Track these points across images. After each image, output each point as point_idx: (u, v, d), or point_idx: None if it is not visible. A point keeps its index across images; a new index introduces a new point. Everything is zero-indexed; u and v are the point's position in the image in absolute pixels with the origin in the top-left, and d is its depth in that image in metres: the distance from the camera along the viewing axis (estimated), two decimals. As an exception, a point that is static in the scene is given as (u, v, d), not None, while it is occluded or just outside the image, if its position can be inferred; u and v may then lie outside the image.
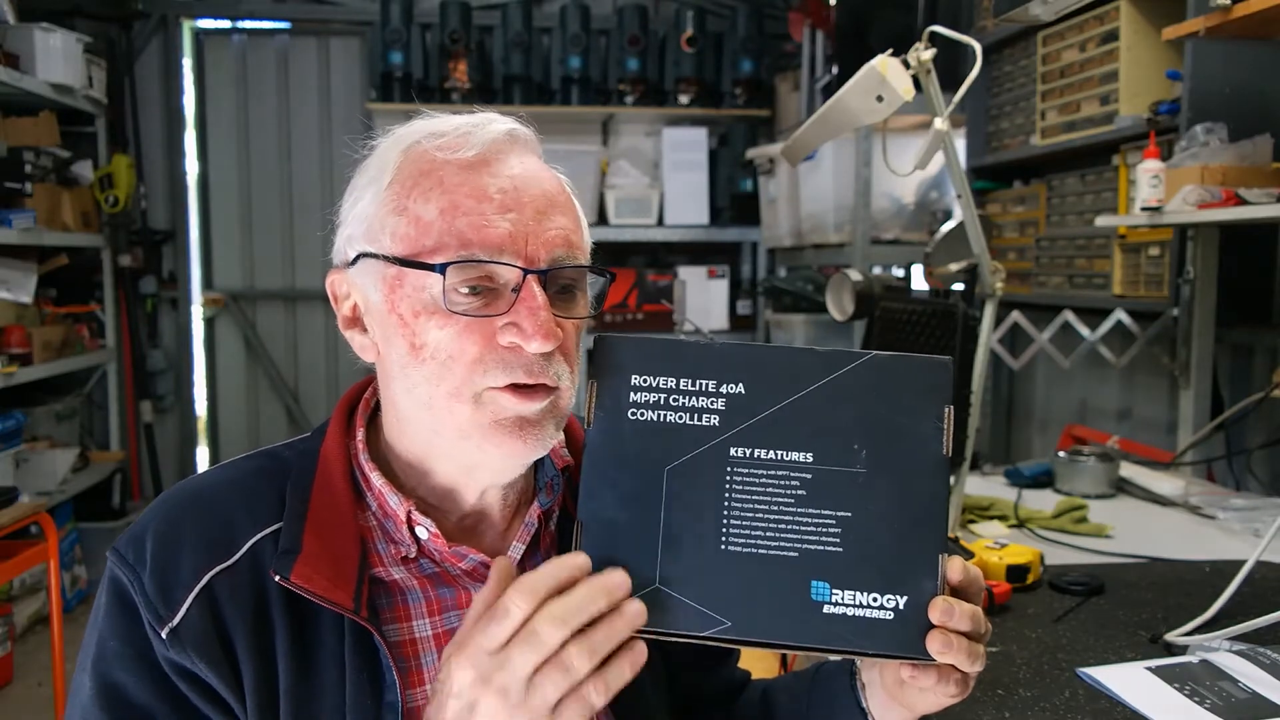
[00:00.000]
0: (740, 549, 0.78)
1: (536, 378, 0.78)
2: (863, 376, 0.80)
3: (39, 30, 3.77)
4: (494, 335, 0.78)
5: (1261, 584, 1.46)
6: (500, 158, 0.81)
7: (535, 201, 0.80)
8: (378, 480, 0.85)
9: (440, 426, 0.80)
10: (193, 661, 0.76)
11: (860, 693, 0.90)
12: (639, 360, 0.81)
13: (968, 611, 0.75)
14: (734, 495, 0.78)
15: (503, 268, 0.78)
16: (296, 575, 0.77)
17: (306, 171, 5.04)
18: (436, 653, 0.82)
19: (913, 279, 3.39)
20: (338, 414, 0.90)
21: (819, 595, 0.77)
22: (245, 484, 0.84)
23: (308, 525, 0.80)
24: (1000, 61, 3.33)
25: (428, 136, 0.82)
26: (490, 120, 0.83)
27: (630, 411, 0.81)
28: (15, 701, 3.24)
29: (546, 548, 0.90)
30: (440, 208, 0.78)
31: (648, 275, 4.67)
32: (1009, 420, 3.76)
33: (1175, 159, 2.19)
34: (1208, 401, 2.44)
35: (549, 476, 0.90)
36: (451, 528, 0.86)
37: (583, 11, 4.72)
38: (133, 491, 4.70)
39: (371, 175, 0.84)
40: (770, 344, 1.13)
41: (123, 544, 0.80)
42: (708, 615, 0.77)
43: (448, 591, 0.84)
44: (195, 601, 0.77)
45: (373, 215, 0.82)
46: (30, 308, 3.87)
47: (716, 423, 0.80)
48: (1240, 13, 1.86)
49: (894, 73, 1.44)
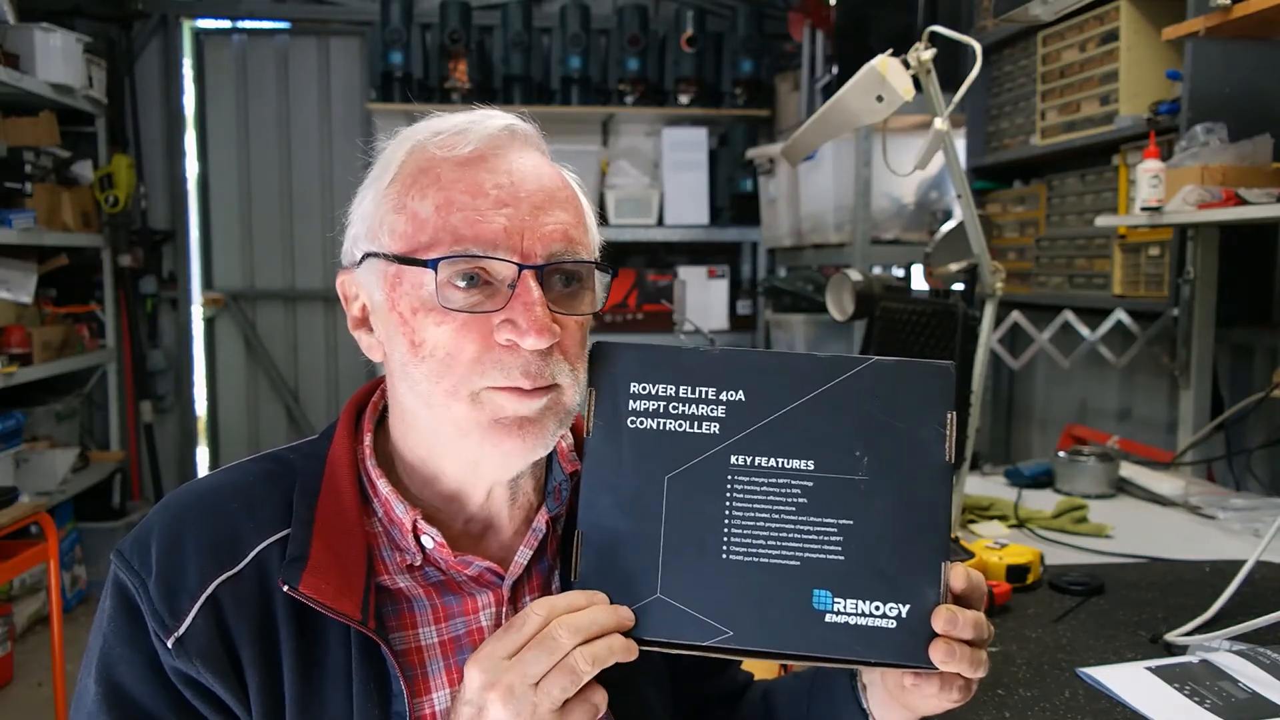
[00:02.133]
0: (741, 558, 0.77)
1: (535, 381, 0.77)
2: (864, 382, 0.79)
3: (39, 30, 3.77)
4: (491, 333, 0.77)
5: (1261, 584, 1.46)
6: (498, 153, 0.81)
7: (532, 196, 0.79)
8: (384, 487, 0.84)
9: (440, 424, 0.80)
10: (198, 671, 0.76)
11: (861, 694, 0.89)
12: (638, 368, 0.81)
13: (971, 619, 0.75)
14: (735, 504, 0.78)
15: (499, 264, 0.77)
16: (305, 585, 0.76)
17: (306, 171, 5.04)
18: (442, 660, 0.82)
19: (913, 279, 3.39)
20: (345, 416, 0.89)
21: (821, 604, 0.76)
22: (251, 489, 0.83)
23: (315, 533, 0.80)
24: (1000, 61, 3.33)
25: (429, 135, 0.82)
26: (489, 116, 0.83)
27: (630, 419, 0.80)
28: (15, 701, 3.24)
29: (553, 554, 0.89)
30: (436, 204, 0.78)
31: (648, 275, 4.67)
32: (1009, 420, 3.76)
33: (1175, 159, 2.19)
34: (1208, 401, 2.44)
35: (557, 481, 0.89)
36: (458, 533, 0.85)
37: (583, 11, 4.72)
38: (133, 491, 4.70)
39: (375, 175, 0.84)
40: (771, 350, 1.12)
41: (127, 548, 0.80)
42: (709, 625, 0.76)
43: (453, 599, 0.84)
44: (201, 611, 0.76)
45: (374, 214, 0.82)
46: (30, 308, 3.87)
47: (717, 430, 0.79)
48: (1240, 13, 1.86)
49: (894, 73, 1.44)
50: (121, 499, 4.47)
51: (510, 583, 0.85)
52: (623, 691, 0.81)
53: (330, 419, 0.91)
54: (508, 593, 0.85)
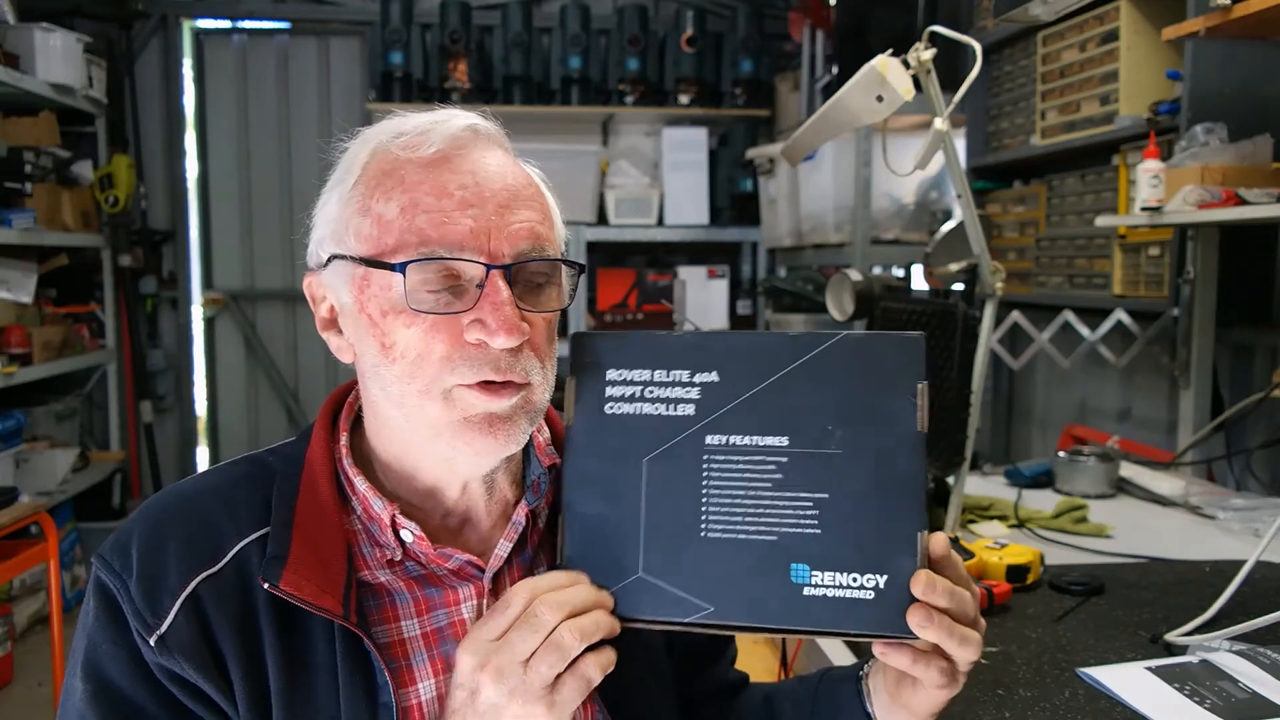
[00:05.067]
0: (720, 535, 0.79)
1: (505, 374, 0.78)
2: (835, 357, 0.81)
3: (39, 30, 3.77)
4: (461, 333, 0.78)
5: (1261, 584, 1.46)
6: (461, 154, 0.81)
7: (498, 196, 0.80)
8: (361, 485, 0.84)
9: (413, 424, 0.81)
10: (182, 667, 0.76)
11: (866, 698, 0.89)
12: (615, 355, 0.83)
13: (948, 586, 0.75)
14: (712, 482, 0.79)
15: (466, 264, 0.78)
16: (285, 583, 0.77)
17: (306, 172, 5.03)
18: (426, 652, 0.82)
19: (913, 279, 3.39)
20: (322, 418, 0.90)
21: (799, 578, 0.77)
22: (230, 490, 0.84)
23: (295, 531, 0.80)
24: (1000, 61, 3.33)
25: (391, 136, 0.82)
26: (452, 116, 0.83)
27: (608, 405, 0.82)
28: (15, 701, 3.24)
29: (534, 546, 0.90)
30: (401, 206, 0.79)
31: (648, 275, 4.67)
32: (1009, 420, 3.76)
33: (1175, 159, 2.19)
34: (1208, 401, 2.44)
35: (535, 475, 0.89)
36: (436, 527, 0.86)
37: (583, 11, 4.72)
38: (133, 491, 4.70)
39: (338, 176, 0.85)
40: (742, 330, 1.13)
41: (108, 550, 0.80)
42: (690, 602, 0.78)
43: (435, 591, 0.84)
44: (182, 608, 0.77)
45: (338, 217, 0.83)
46: (30, 308, 3.87)
47: (692, 412, 0.81)
48: (1240, 13, 1.86)
49: (894, 73, 1.44)
50: (121, 499, 4.47)
51: (491, 575, 0.86)
52: (622, 684, 0.82)
53: (329, 419, 0.92)
54: (489, 585, 0.85)
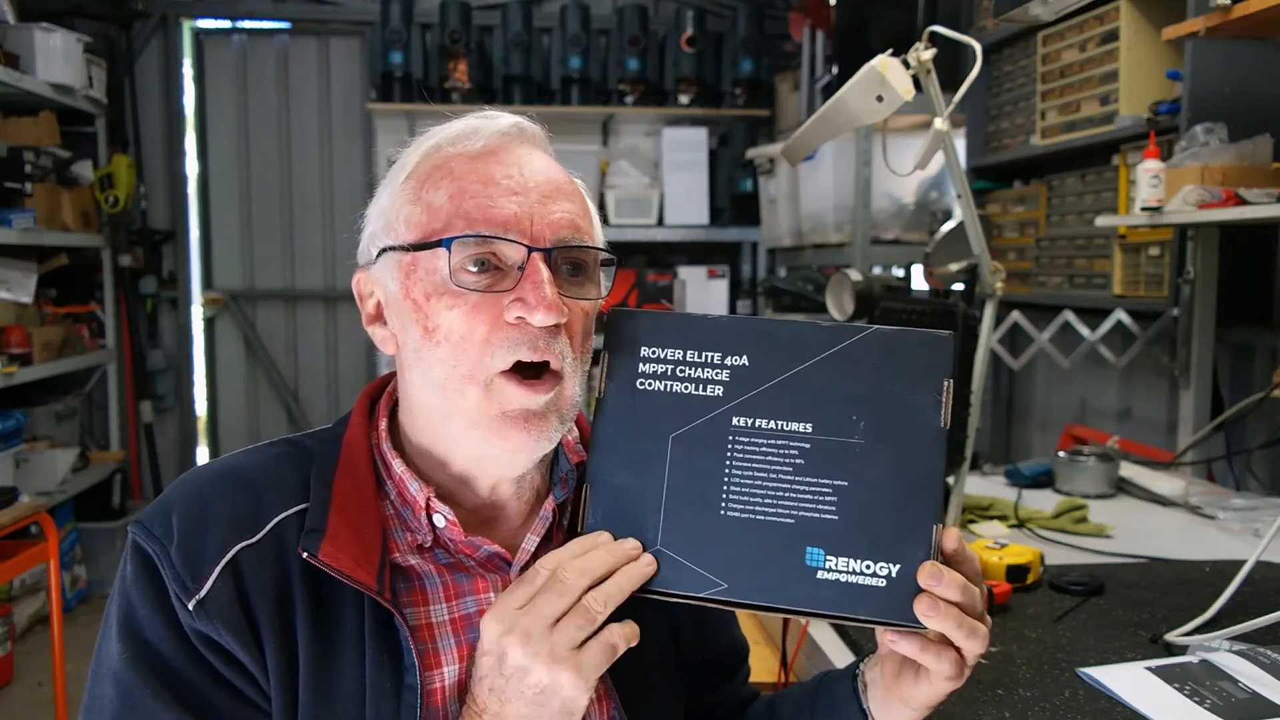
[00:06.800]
0: (739, 514, 0.80)
1: (542, 354, 0.80)
2: (865, 350, 0.82)
3: (39, 30, 3.77)
4: (501, 314, 0.80)
5: (1261, 584, 1.46)
6: (507, 148, 0.85)
7: (541, 187, 0.83)
8: (399, 467, 0.86)
9: (451, 412, 0.82)
10: (219, 633, 0.77)
11: (861, 693, 0.90)
12: (649, 333, 0.85)
13: (957, 579, 0.76)
14: (734, 463, 0.81)
15: (509, 246, 0.80)
16: (324, 553, 0.79)
17: (306, 171, 5.04)
18: (453, 636, 0.84)
19: (913, 279, 3.39)
20: (360, 404, 0.92)
21: (813, 561, 0.78)
22: (270, 466, 0.86)
23: (333, 507, 0.82)
24: (1000, 61, 3.33)
25: (443, 137, 0.86)
26: (499, 116, 0.87)
27: (639, 381, 0.84)
28: (15, 701, 3.24)
29: (560, 541, 0.90)
30: (449, 193, 0.82)
31: (648, 275, 4.67)
32: (1009, 420, 3.76)
33: (1175, 159, 2.18)
34: (1208, 401, 2.44)
35: (564, 471, 0.91)
36: (467, 517, 0.87)
37: (583, 11, 4.72)
38: (133, 491, 4.70)
39: (391, 175, 0.88)
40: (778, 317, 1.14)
41: (147, 518, 0.82)
42: (705, 577, 0.79)
43: (464, 577, 0.86)
44: (221, 575, 0.78)
45: (389, 209, 0.86)
46: (30, 308, 3.87)
47: (720, 393, 0.83)
48: (1240, 13, 1.86)
49: (894, 73, 1.44)
50: (121, 499, 4.47)
51: (518, 569, 0.87)
52: (639, 683, 0.84)
53: (330, 419, 0.94)
54: (515, 578, 0.86)
